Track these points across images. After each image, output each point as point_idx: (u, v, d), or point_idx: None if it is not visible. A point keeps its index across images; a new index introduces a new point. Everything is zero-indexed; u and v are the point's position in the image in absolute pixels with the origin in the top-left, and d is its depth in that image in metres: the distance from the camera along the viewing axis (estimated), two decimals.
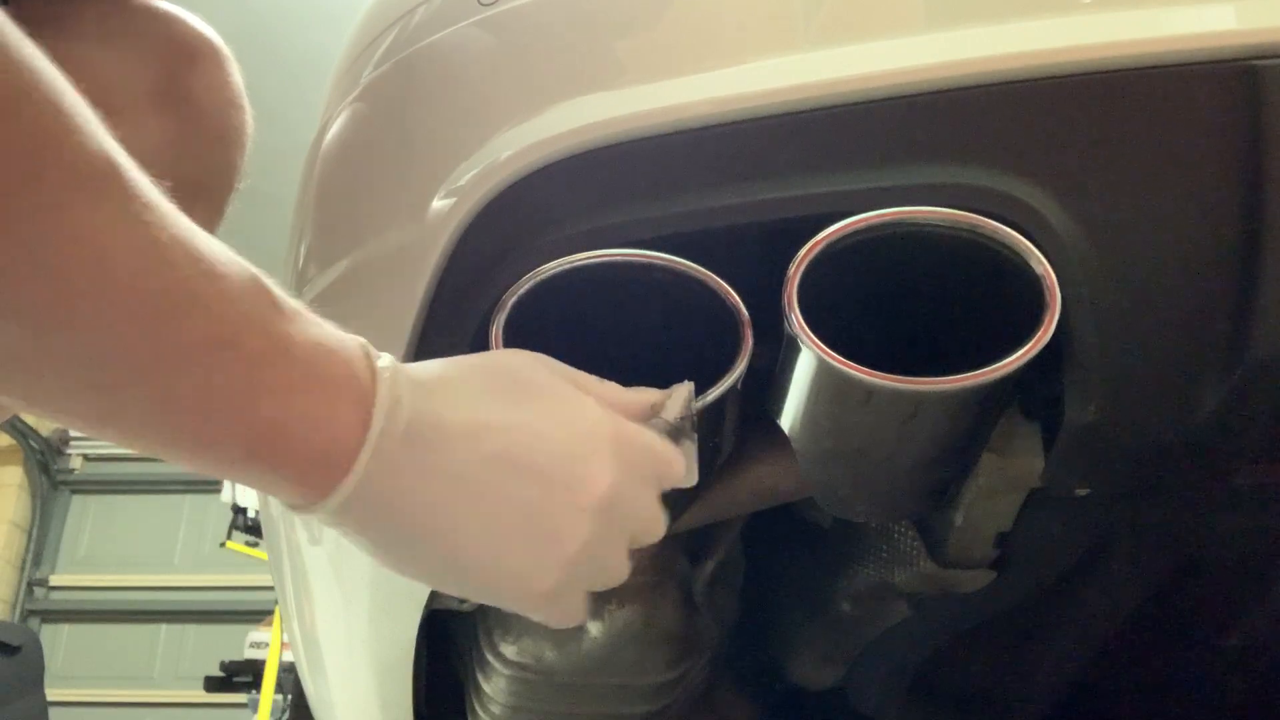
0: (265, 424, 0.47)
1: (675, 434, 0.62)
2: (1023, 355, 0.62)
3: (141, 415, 0.46)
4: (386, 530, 0.52)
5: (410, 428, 0.51)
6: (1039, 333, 0.62)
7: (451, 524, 0.53)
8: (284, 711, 4.39)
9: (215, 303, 0.46)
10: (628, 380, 0.66)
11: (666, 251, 0.67)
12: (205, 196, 0.80)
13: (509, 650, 1.00)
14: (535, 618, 0.58)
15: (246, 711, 4.89)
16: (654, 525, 0.60)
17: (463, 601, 0.96)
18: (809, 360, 0.64)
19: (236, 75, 0.81)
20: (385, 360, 0.52)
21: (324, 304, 0.87)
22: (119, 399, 0.45)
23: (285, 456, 0.48)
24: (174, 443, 0.47)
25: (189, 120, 0.78)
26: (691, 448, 0.63)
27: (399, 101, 0.85)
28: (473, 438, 0.53)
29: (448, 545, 0.53)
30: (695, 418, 0.64)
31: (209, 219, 0.81)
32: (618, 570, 0.58)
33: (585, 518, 0.55)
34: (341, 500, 0.50)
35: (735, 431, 0.74)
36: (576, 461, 0.55)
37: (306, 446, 0.48)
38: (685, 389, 0.63)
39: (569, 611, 0.58)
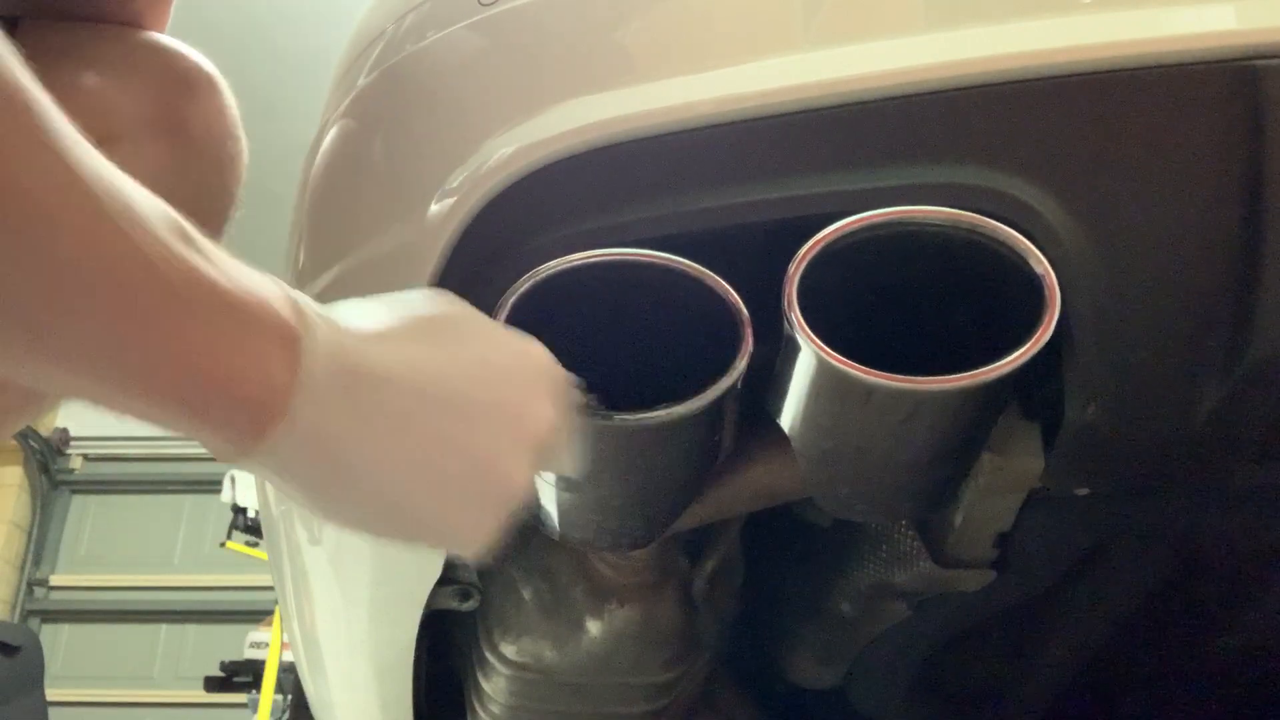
0: (193, 374, 0.46)
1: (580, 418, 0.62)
2: (1022, 355, 0.62)
3: (60, 358, 0.45)
4: (319, 473, 0.51)
5: (341, 368, 0.50)
6: (1038, 332, 0.62)
7: (388, 465, 0.52)
8: (284, 711, 4.39)
9: (144, 251, 0.45)
10: (627, 381, 0.66)
11: (666, 251, 0.67)
12: (202, 221, 0.80)
13: (509, 650, 1.00)
14: (460, 554, 0.57)
15: (246, 711, 4.88)
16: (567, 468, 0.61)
17: (463, 601, 0.96)
18: (809, 360, 0.64)
19: (233, 105, 0.83)
20: (307, 300, 0.51)
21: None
22: (40, 341, 0.45)
23: (213, 406, 0.47)
24: (96, 391, 0.47)
25: (186, 148, 0.79)
26: (581, 439, 0.64)
27: (399, 101, 0.85)
28: (411, 375, 0.52)
29: (386, 485, 0.52)
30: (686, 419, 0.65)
31: None
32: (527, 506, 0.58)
33: (526, 455, 0.55)
34: (272, 445, 0.49)
35: (735, 431, 0.74)
36: (516, 397, 0.55)
37: (236, 394, 0.47)
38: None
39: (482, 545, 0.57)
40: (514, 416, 0.54)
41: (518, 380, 0.55)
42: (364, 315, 0.54)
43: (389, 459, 0.51)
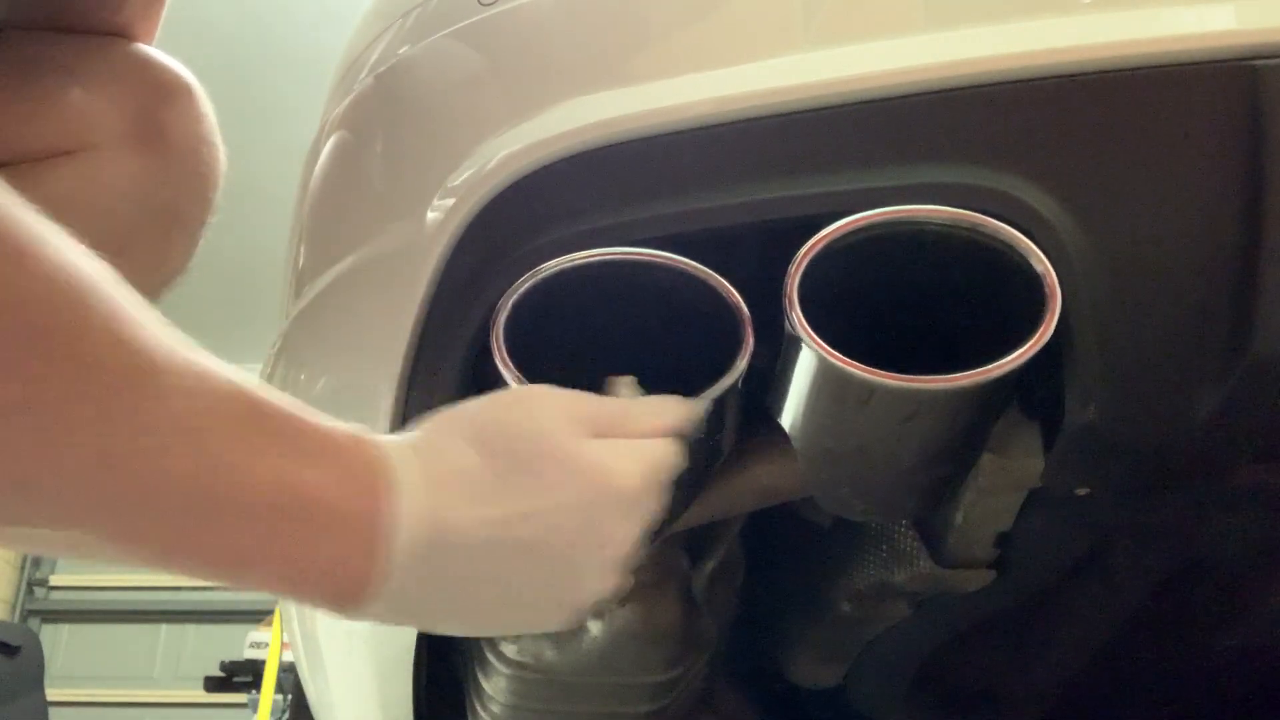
0: (283, 575, 0.51)
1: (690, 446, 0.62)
2: (1023, 354, 0.62)
3: (173, 562, 0.52)
4: (414, 618, 0.56)
5: (422, 544, 0.52)
6: (1039, 332, 0.62)
7: (477, 607, 0.56)
8: (284, 711, 4.39)
9: (239, 468, 0.48)
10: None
11: (667, 251, 0.67)
12: (180, 227, 0.83)
13: (509, 649, 1.00)
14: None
15: (246, 711, 4.88)
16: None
17: None
18: (809, 359, 0.64)
19: (210, 113, 0.84)
20: (391, 462, 0.53)
21: (324, 304, 0.87)
22: (163, 557, 0.51)
23: (307, 594, 0.52)
24: (210, 578, 0.52)
25: (163, 156, 0.80)
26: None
27: (399, 101, 0.85)
28: (485, 537, 0.54)
29: (472, 618, 0.57)
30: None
31: (184, 248, 0.84)
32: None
33: (611, 573, 0.57)
34: (361, 613, 0.53)
35: (735, 431, 0.74)
36: (597, 533, 0.56)
37: (325, 587, 0.52)
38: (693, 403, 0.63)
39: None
40: (595, 549, 0.56)
41: (596, 514, 0.56)
42: (441, 461, 0.55)
43: (470, 602, 0.55)
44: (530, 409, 0.57)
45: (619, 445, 0.58)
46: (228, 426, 0.48)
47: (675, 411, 0.62)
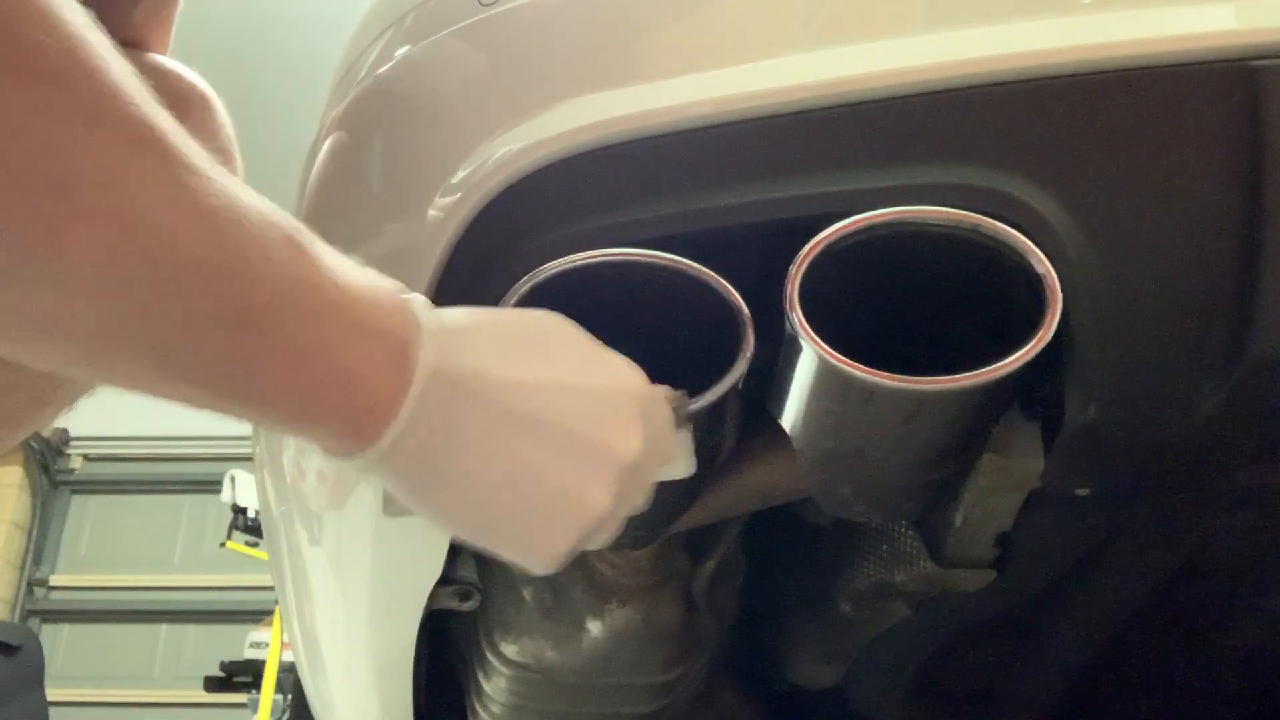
0: (306, 385, 0.49)
1: (680, 422, 0.63)
2: (1023, 355, 0.62)
3: (185, 375, 0.47)
4: (418, 478, 0.54)
5: (448, 381, 0.52)
6: (1039, 332, 0.62)
7: (476, 478, 0.54)
8: (284, 711, 4.39)
9: (259, 265, 0.47)
10: None
11: (667, 251, 0.67)
12: None
13: (509, 650, 1.00)
14: (532, 569, 0.59)
15: (246, 711, 4.88)
16: (642, 500, 0.61)
17: (463, 601, 0.96)
18: (810, 359, 0.64)
19: (227, 123, 0.84)
20: (421, 305, 0.53)
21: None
22: (167, 361, 0.47)
23: (326, 414, 0.50)
24: (216, 401, 0.49)
25: None
26: (689, 440, 0.64)
27: (399, 101, 0.85)
28: (507, 393, 0.54)
29: (474, 495, 0.55)
30: (693, 417, 0.65)
31: None
32: (612, 534, 0.60)
33: (611, 485, 0.56)
34: (379, 452, 0.51)
35: (735, 431, 0.74)
36: (606, 425, 0.56)
37: (347, 404, 0.50)
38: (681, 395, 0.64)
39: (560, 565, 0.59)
40: (602, 447, 0.56)
41: (609, 408, 0.57)
42: (477, 326, 0.56)
43: (477, 473, 0.54)
44: (557, 317, 0.59)
45: (629, 363, 0.59)
46: (257, 232, 0.47)
47: (670, 391, 0.63)
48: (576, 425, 0.55)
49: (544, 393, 0.55)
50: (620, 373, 0.58)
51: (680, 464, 0.64)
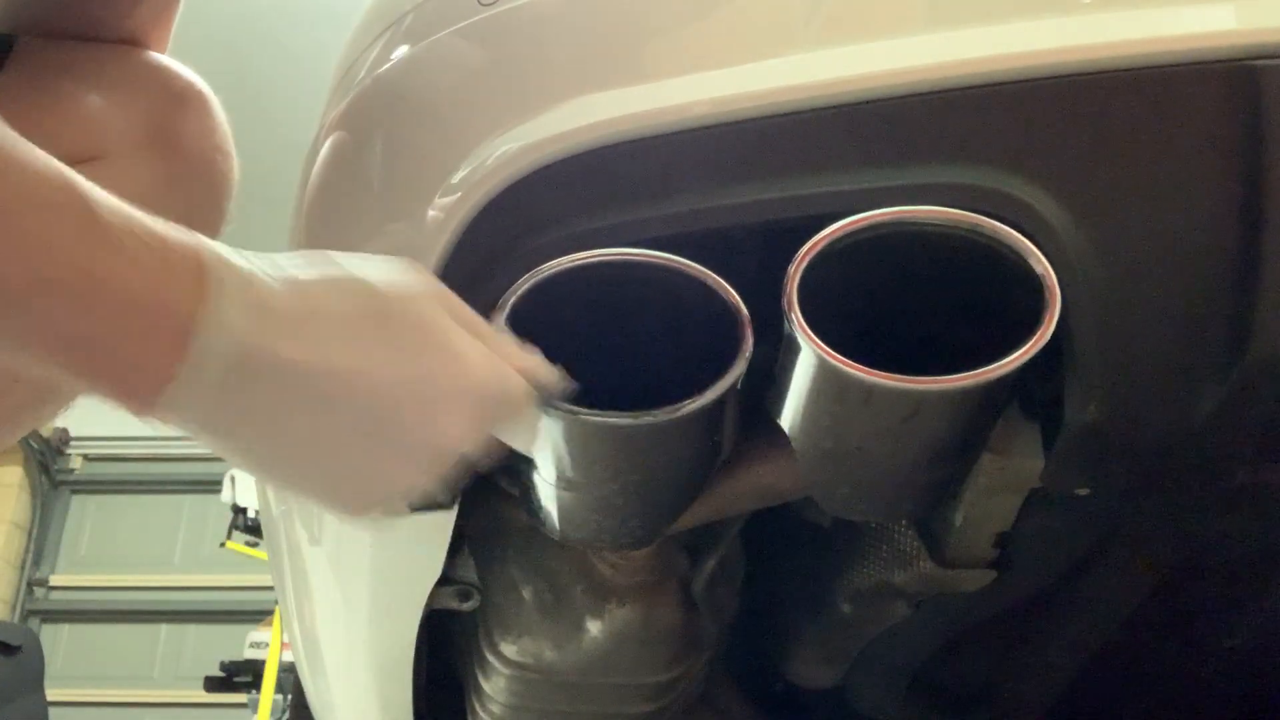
0: (79, 359, 0.48)
1: (542, 400, 0.61)
2: (1022, 355, 0.62)
3: None
4: (213, 441, 0.53)
5: (239, 361, 0.50)
6: (1039, 332, 0.62)
7: (277, 451, 0.53)
8: (284, 711, 4.39)
9: (33, 236, 0.46)
10: (628, 380, 0.66)
11: (666, 251, 0.67)
12: None
13: (509, 650, 1.00)
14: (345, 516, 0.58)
15: (246, 711, 4.88)
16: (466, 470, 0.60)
17: (463, 601, 0.96)
18: (809, 359, 0.64)
19: (223, 121, 0.84)
20: (229, 276, 0.51)
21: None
22: None
23: (102, 385, 0.49)
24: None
25: (175, 164, 0.80)
26: (536, 418, 0.63)
27: (399, 101, 0.85)
28: (307, 379, 0.51)
29: (274, 466, 0.54)
30: (695, 416, 0.65)
31: None
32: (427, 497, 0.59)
33: (429, 467, 0.55)
34: (160, 417, 0.50)
35: (735, 431, 0.74)
36: (425, 420, 0.54)
37: (119, 379, 0.49)
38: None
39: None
40: (419, 429, 0.54)
41: (434, 395, 0.54)
42: (301, 300, 0.52)
43: (278, 447, 0.53)
44: (413, 281, 0.56)
45: (481, 346, 0.57)
46: (38, 211, 0.46)
47: (537, 359, 0.61)
48: (390, 414, 0.53)
49: (358, 378, 0.52)
50: (462, 357, 0.55)
51: (521, 441, 0.62)
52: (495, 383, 0.57)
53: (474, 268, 0.73)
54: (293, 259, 0.54)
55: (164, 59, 0.84)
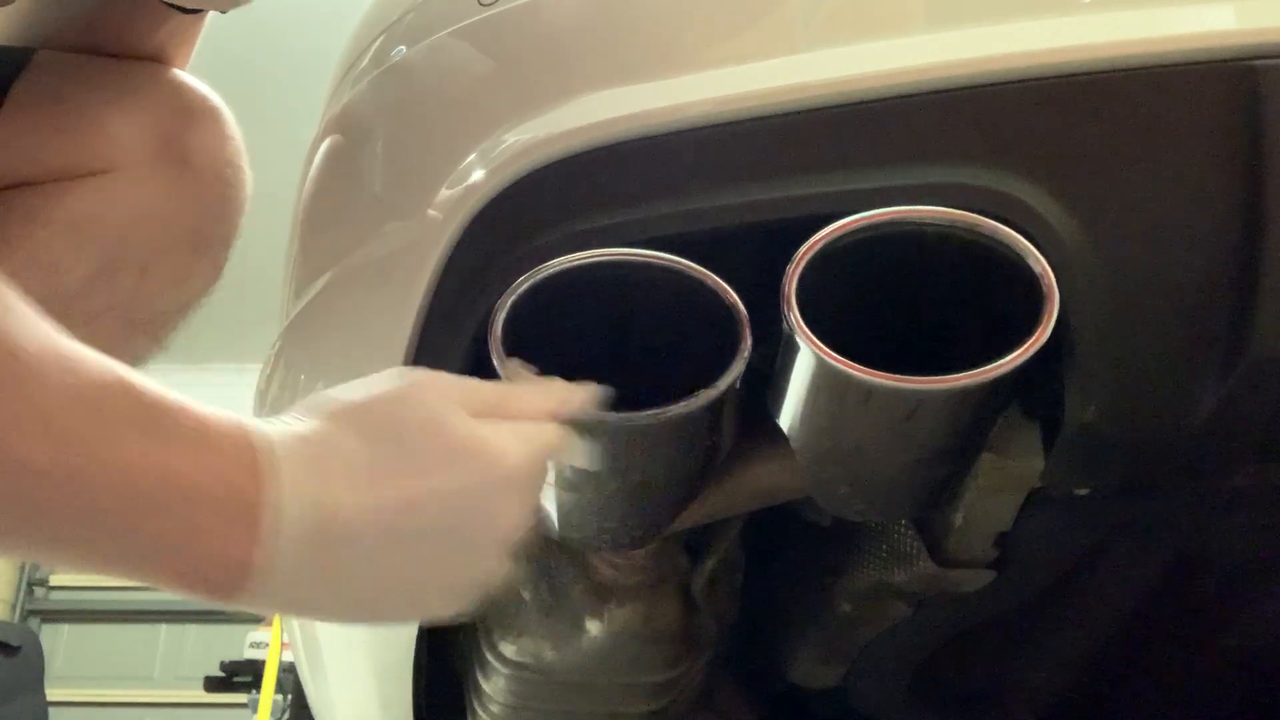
0: (155, 561, 0.49)
1: (579, 429, 0.62)
2: (1021, 354, 0.62)
3: (47, 556, 0.49)
4: (304, 608, 0.55)
5: (308, 533, 0.51)
6: (1038, 332, 0.62)
7: (365, 596, 0.55)
8: (284, 711, 4.39)
9: (100, 457, 0.46)
10: (627, 380, 0.66)
11: (666, 251, 0.67)
12: (203, 248, 0.83)
13: (509, 650, 1.00)
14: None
15: (246, 711, 4.88)
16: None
17: None
18: (808, 359, 0.64)
19: (237, 136, 0.84)
20: (278, 440, 0.51)
21: (325, 305, 0.87)
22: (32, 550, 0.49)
23: (184, 584, 0.50)
24: (90, 571, 0.50)
25: (187, 178, 0.81)
26: (595, 446, 0.64)
27: (399, 101, 0.85)
28: (374, 524, 0.52)
29: (365, 609, 0.56)
30: (694, 417, 0.65)
31: (208, 269, 0.84)
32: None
33: (499, 553, 0.57)
34: (243, 602, 0.51)
35: (734, 431, 0.74)
36: (481, 514, 0.55)
37: (203, 576, 0.50)
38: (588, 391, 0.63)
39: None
40: (480, 529, 0.56)
41: (481, 494, 0.55)
42: (325, 447, 0.53)
43: (358, 596, 0.54)
44: (417, 395, 0.57)
45: (500, 426, 0.57)
46: (90, 414, 0.46)
47: (555, 395, 0.61)
48: (450, 522, 0.54)
49: (418, 508, 0.53)
50: (487, 448, 0.56)
51: (580, 460, 0.64)
52: (530, 458, 0.58)
53: (474, 268, 0.73)
54: (291, 412, 0.55)
55: (178, 73, 0.85)
